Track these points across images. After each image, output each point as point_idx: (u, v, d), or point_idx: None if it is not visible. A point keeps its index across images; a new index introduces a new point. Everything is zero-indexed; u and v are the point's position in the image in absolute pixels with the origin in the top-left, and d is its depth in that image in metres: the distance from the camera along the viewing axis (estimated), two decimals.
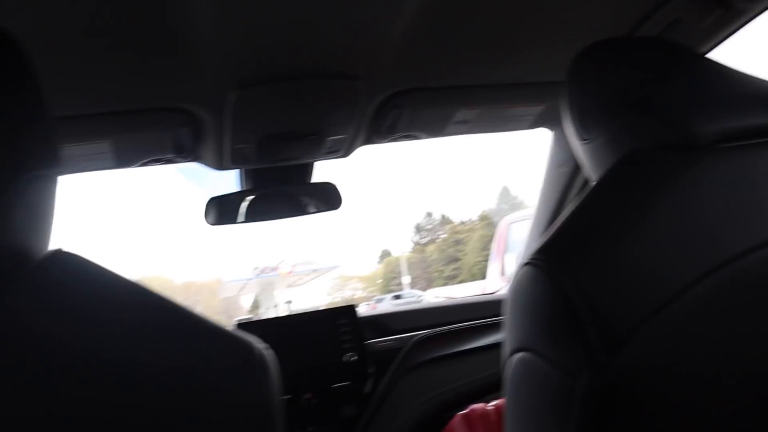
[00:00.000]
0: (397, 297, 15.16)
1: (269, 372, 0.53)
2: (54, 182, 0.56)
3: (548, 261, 0.62)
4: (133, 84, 1.05)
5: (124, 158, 1.32)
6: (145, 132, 1.22)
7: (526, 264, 0.64)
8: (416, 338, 1.64)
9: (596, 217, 0.65)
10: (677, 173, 0.65)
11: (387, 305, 8.22)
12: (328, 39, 0.98)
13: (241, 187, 1.57)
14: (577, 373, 0.57)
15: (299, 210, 1.63)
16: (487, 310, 1.75)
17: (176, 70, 1.02)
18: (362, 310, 1.72)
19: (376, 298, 27.83)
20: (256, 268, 30.90)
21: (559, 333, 0.59)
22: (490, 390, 1.57)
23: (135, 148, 1.29)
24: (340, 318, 1.61)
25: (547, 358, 0.60)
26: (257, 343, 0.54)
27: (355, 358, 1.56)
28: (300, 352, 1.55)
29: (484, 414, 1.48)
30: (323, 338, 1.57)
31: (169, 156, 1.35)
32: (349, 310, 1.63)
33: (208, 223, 1.49)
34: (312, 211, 1.64)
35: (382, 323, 1.70)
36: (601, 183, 0.69)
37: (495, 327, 1.67)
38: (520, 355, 0.64)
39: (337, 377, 1.55)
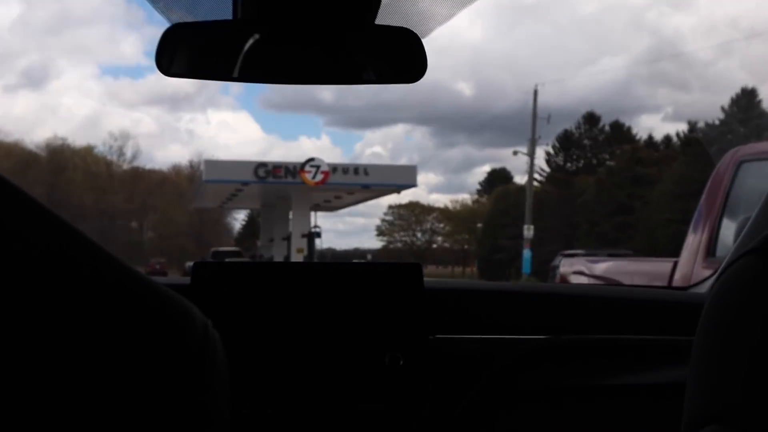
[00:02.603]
0: (611, 254, 9.76)
1: (214, 354, 0.38)
2: None
3: None
4: None
5: None
6: None
7: (749, 252, 0.45)
8: (528, 345, 0.99)
9: None
10: None
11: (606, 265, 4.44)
12: None
13: (236, 15, 0.92)
14: None
15: (347, 73, 1.01)
16: (667, 317, 1.06)
17: None
18: (432, 280, 1.01)
19: (581, 253, 12.79)
20: None
21: None
22: None
23: None
24: (396, 282, 0.94)
25: None
26: (200, 315, 0.39)
27: (403, 362, 0.91)
28: (308, 334, 0.92)
29: None
30: (357, 318, 0.93)
31: None
32: (413, 269, 0.96)
33: (162, 69, 0.87)
34: (368, 78, 1.00)
35: (463, 307, 1.03)
36: None
37: (676, 352, 1.00)
38: (713, 428, 0.42)
39: (367, 393, 0.92)
